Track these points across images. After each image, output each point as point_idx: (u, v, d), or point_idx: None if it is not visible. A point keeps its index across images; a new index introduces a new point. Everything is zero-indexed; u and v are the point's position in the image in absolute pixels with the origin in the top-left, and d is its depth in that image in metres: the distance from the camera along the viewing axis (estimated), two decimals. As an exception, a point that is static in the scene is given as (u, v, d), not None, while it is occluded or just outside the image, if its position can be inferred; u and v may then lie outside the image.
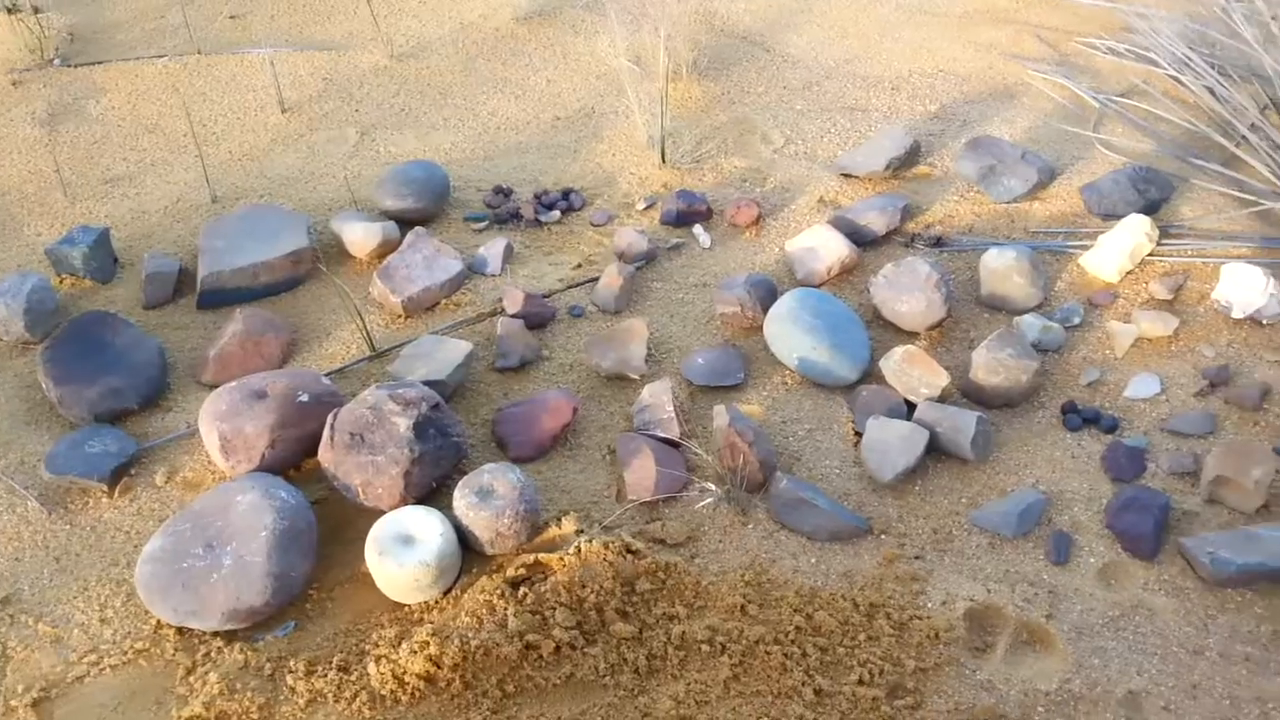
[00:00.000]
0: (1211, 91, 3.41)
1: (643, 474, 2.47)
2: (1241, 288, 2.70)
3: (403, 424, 2.37)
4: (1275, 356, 2.64)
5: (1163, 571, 2.27)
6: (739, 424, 2.48)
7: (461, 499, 2.31)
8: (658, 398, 2.60)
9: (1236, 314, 2.70)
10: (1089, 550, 2.32)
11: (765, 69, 3.99)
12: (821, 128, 3.65)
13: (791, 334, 2.74)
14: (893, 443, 2.49)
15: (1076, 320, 2.82)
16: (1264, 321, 2.70)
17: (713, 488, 2.44)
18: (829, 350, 2.70)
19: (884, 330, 2.90)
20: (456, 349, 2.71)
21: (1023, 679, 2.12)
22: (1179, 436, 2.52)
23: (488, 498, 2.30)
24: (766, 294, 2.92)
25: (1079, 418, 2.58)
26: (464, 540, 2.33)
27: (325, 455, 2.38)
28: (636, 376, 2.76)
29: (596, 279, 3.07)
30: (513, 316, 2.88)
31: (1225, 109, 3.33)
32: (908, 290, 2.81)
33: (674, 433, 2.55)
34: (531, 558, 2.31)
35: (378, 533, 2.25)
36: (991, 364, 2.62)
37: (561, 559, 2.29)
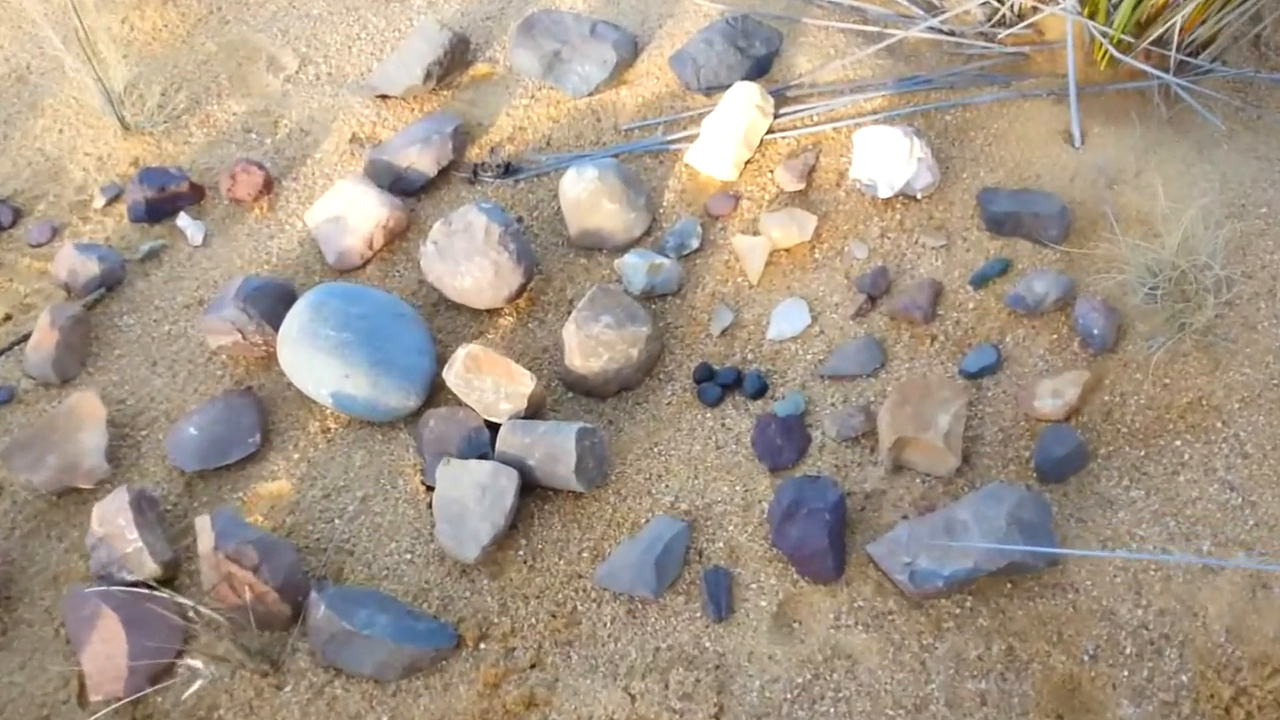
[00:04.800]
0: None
1: (109, 655, 1.61)
2: (881, 157, 2.06)
3: None
4: (939, 240, 2.04)
5: (855, 593, 1.64)
6: (231, 540, 1.64)
7: None
8: (113, 522, 1.71)
9: (883, 192, 2.07)
10: (757, 587, 1.67)
11: (266, -34, 2.99)
12: (348, 34, 2.73)
13: (313, 360, 1.90)
14: (471, 499, 1.72)
15: (694, 244, 2.12)
16: (918, 195, 2.09)
17: (199, 665, 1.60)
18: (369, 374, 1.88)
19: (455, 315, 2.11)
20: None
21: (697, 830, 1.46)
22: (841, 382, 1.89)
23: None
24: (278, 300, 2.05)
25: (716, 386, 1.90)
26: None
27: None
28: (92, 485, 1.85)
29: (30, 336, 2.09)
30: (-116, 438, 1.88)
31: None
32: (467, 256, 2.02)
33: (147, 571, 1.69)
34: None
35: None
36: (587, 344, 1.89)
37: None
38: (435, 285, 2.07)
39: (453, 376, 1.86)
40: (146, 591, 1.66)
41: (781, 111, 2.27)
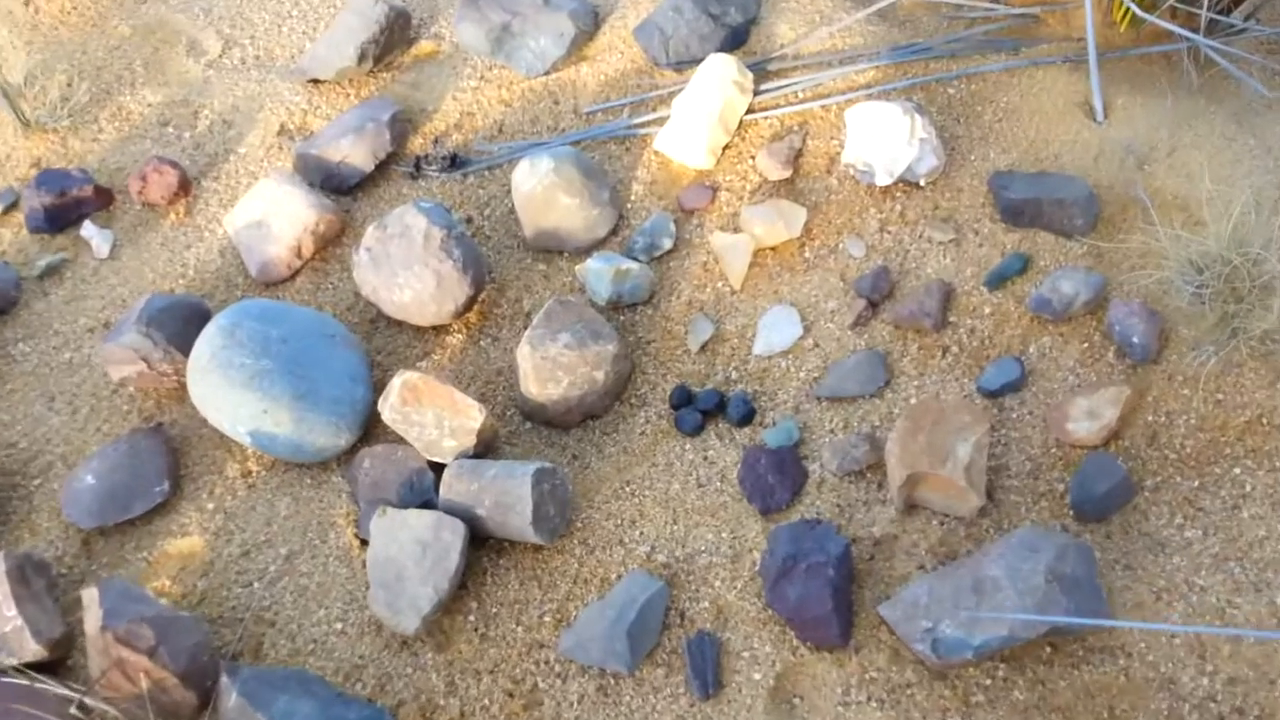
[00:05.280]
0: None
1: (-22, 761, 1.35)
2: (878, 138, 1.80)
3: None
4: (947, 233, 1.78)
5: (865, 661, 1.40)
6: (122, 618, 1.38)
7: None
8: (-14, 601, 1.45)
9: (881, 179, 1.81)
10: (750, 656, 1.42)
11: (187, -62, 2.69)
12: (277, 11, 2.45)
13: (227, 394, 1.63)
14: (409, 559, 1.47)
15: (667, 244, 1.86)
16: (921, 181, 1.83)
17: (77, 785, 1.35)
18: (292, 408, 1.62)
19: (395, 334, 1.84)
20: None
21: None
22: (840, 404, 1.64)
23: None
24: (188, 321, 1.78)
25: (695, 412, 1.65)
26: None
27: None
28: (-31, 550, 1.58)
29: (-94, 370, 1.82)
30: None
31: None
32: (405, 265, 1.75)
33: (30, 654, 1.43)
34: None
35: None
36: (544, 367, 1.63)
37: None
38: (371, 299, 1.81)
39: (388, 410, 1.60)
40: (25, 683, 1.40)
41: (762, 88, 2.00)
